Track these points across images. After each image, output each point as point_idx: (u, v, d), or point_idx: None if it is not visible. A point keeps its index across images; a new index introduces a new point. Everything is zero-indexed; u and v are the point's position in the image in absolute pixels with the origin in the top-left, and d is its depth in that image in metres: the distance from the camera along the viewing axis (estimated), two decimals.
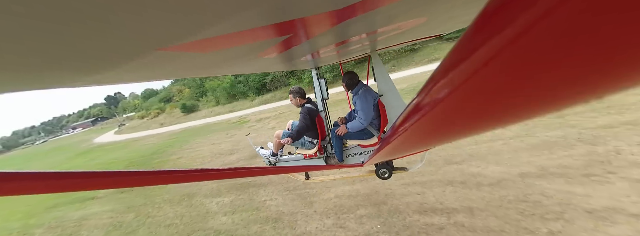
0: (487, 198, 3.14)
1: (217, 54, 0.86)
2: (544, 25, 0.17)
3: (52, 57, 0.44)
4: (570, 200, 2.78)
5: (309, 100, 3.19)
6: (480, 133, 0.48)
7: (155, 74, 1.01)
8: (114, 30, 0.38)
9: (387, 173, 2.97)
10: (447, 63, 0.30)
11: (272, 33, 0.74)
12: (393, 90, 2.80)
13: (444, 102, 0.32)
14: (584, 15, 0.15)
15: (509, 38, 0.20)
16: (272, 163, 3.33)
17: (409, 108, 0.48)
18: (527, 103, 0.27)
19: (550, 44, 0.18)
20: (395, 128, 0.65)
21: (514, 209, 2.86)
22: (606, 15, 0.15)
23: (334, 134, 2.97)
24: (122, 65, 0.63)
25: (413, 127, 0.48)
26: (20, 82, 0.57)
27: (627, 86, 0.21)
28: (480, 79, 0.25)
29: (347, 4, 0.60)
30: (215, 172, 1.28)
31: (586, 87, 0.22)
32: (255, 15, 0.51)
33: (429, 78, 0.36)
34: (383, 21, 1.08)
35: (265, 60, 1.48)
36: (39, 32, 0.33)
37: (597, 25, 0.15)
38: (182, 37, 0.51)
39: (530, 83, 0.23)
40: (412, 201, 3.44)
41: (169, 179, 1.05)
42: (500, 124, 0.37)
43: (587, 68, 0.19)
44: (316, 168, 2.66)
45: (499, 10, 0.21)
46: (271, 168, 1.81)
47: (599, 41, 0.16)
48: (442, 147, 4.77)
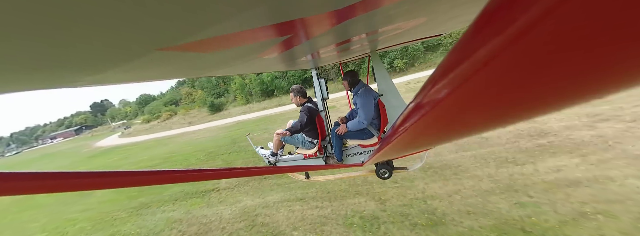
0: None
1: (218, 54, 0.86)
2: (543, 26, 0.17)
3: (52, 57, 0.45)
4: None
5: (310, 100, 3.20)
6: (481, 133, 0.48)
7: (156, 74, 1.01)
8: (115, 31, 0.39)
9: (387, 173, 2.98)
10: (447, 63, 0.30)
11: (273, 33, 0.74)
12: (393, 90, 2.80)
13: (444, 102, 0.33)
14: (584, 15, 0.15)
15: (509, 38, 0.20)
16: (272, 163, 3.33)
17: (409, 108, 0.48)
18: (527, 103, 0.27)
19: (549, 43, 0.18)
20: (395, 128, 0.65)
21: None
22: (606, 15, 0.15)
23: (334, 134, 2.97)
24: (122, 65, 0.63)
25: (413, 127, 0.48)
26: (21, 82, 0.57)
27: (627, 86, 0.21)
28: (480, 79, 0.25)
29: (347, 4, 0.60)
30: (216, 172, 1.28)
31: (586, 86, 0.22)
32: (256, 16, 0.51)
33: (429, 79, 0.36)
34: (383, 21, 1.08)
35: (266, 60, 1.48)
36: (39, 32, 0.33)
37: (597, 25, 0.15)
38: (182, 37, 0.51)
39: (530, 83, 0.23)
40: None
41: (169, 179, 1.05)
42: (500, 124, 0.37)
43: (587, 68, 0.19)
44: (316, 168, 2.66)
45: (499, 10, 0.21)
46: (271, 168, 1.81)
47: (598, 41, 0.16)
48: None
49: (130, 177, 0.80)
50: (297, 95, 3.15)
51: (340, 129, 2.90)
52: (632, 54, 0.17)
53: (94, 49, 0.45)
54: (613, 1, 0.14)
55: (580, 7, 0.15)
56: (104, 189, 0.78)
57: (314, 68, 3.14)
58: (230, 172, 1.41)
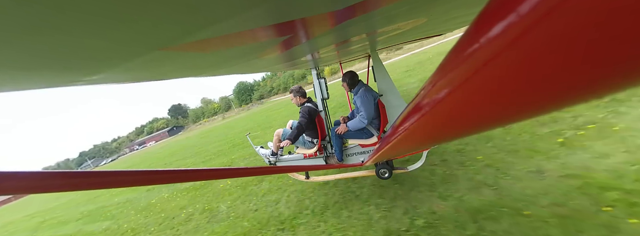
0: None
1: (218, 54, 0.86)
2: (543, 26, 0.17)
3: (54, 57, 0.45)
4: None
5: (309, 100, 3.20)
6: (480, 132, 0.48)
7: (156, 74, 1.01)
8: (116, 31, 0.39)
9: (387, 173, 2.98)
10: (447, 63, 0.30)
11: (273, 33, 0.74)
12: (393, 90, 2.80)
13: (443, 102, 0.33)
14: (583, 16, 0.15)
15: (508, 38, 0.20)
16: (272, 163, 3.33)
17: (409, 107, 0.49)
18: (527, 102, 0.27)
19: (549, 44, 0.18)
20: (395, 128, 0.65)
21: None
22: (605, 15, 0.15)
23: (334, 133, 2.97)
24: (123, 64, 0.63)
25: (413, 127, 0.48)
26: (22, 81, 0.57)
27: (627, 85, 0.21)
28: (479, 79, 0.25)
29: (348, 4, 0.60)
30: (216, 172, 1.28)
31: (586, 86, 0.22)
32: (256, 16, 0.51)
33: (429, 78, 0.36)
34: (383, 22, 1.08)
35: (266, 60, 1.48)
36: (40, 32, 0.33)
37: (596, 25, 0.15)
38: (183, 37, 0.52)
39: (529, 83, 0.23)
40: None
41: (169, 179, 1.05)
42: (500, 123, 0.37)
43: (587, 67, 0.19)
44: (316, 168, 2.66)
45: (499, 11, 0.21)
46: (271, 168, 1.81)
47: (598, 41, 0.16)
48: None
49: (131, 177, 0.80)
50: (296, 95, 3.15)
51: (341, 128, 2.90)
52: (632, 53, 0.17)
53: (96, 49, 0.45)
54: (613, 1, 0.14)
55: (580, 7, 0.15)
56: (104, 189, 0.78)
57: (314, 68, 3.15)
58: (230, 172, 1.41)
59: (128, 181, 0.83)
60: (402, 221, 2.34)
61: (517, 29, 0.19)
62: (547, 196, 2.03)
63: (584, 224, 1.71)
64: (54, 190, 0.66)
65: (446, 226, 2.10)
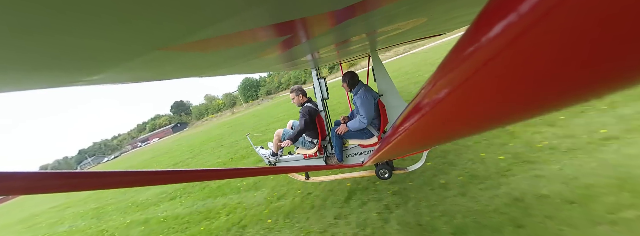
0: None
1: (218, 54, 0.86)
2: (542, 26, 0.17)
3: (54, 58, 0.45)
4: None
5: (310, 100, 3.19)
6: (480, 132, 0.48)
7: (156, 74, 1.01)
8: (116, 31, 0.39)
9: (387, 173, 2.97)
10: (447, 63, 0.30)
11: (273, 33, 0.74)
12: (393, 90, 2.80)
13: (443, 102, 0.33)
14: (583, 15, 0.15)
15: (508, 38, 0.20)
16: (271, 163, 3.33)
17: (409, 108, 0.49)
18: (527, 102, 0.27)
19: (549, 43, 0.18)
20: (395, 128, 0.65)
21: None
22: (605, 15, 0.15)
23: (334, 134, 2.97)
24: (122, 64, 0.63)
25: (413, 127, 0.48)
26: (23, 81, 0.57)
27: (627, 85, 0.21)
28: (479, 79, 0.25)
29: (348, 4, 0.60)
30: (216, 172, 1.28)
31: (586, 85, 0.22)
32: (256, 16, 0.51)
33: (429, 78, 0.36)
34: (383, 21, 1.08)
35: (266, 60, 1.48)
36: (41, 32, 0.33)
37: (596, 25, 0.15)
38: (183, 37, 0.52)
39: (529, 83, 0.23)
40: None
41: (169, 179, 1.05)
42: (500, 123, 0.37)
43: (587, 67, 0.19)
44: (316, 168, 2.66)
45: (499, 11, 0.21)
46: (271, 168, 1.81)
47: (598, 40, 0.16)
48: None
49: (131, 177, 0.79)
50: (298, 94, 3.15)
51: (341, 128, 2.90)
52: (631, 53, 0.17)
53: (96, 49, 0.45)
54: (613, 1, 0.14)
55: (580, 7, 0.15)
56: (104, 189, 0.78)
57: (314, 68, 3.15)
58: (230, 172, 1.41)
59: (127, 182, 0.83)
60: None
61: (517, 29, 0.19)
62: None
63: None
64: (52, 191, 0.66)
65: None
